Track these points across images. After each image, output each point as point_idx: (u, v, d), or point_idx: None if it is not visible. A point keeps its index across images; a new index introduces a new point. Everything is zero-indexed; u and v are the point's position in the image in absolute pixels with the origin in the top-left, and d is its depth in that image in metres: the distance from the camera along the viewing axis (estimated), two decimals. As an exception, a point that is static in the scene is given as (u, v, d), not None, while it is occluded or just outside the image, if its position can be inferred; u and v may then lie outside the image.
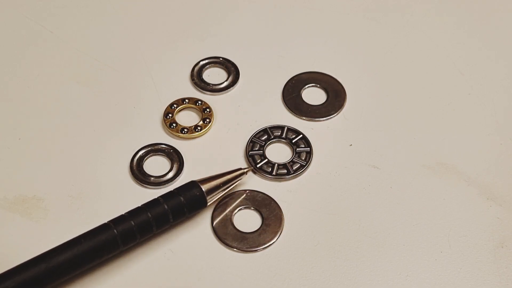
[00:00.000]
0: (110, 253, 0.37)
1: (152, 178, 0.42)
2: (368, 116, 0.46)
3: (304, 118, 0.45)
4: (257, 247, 0.39)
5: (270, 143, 0.44)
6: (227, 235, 0.39)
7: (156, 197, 0.38)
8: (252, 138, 0.44)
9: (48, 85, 0.47)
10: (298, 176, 0.42)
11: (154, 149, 0.43)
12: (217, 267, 0.38)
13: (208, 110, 0.45)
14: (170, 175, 0.42)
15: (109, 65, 0.48)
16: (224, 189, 0.40)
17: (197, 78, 0.47)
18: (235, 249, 0.39)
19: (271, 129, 0.44)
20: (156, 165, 0.43)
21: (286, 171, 0.42)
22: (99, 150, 0.43)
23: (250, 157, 0.43)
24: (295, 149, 0.43)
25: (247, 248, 0.39)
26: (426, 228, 0.40)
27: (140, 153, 0.43)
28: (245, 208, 0.41)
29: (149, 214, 0.37)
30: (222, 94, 0.47)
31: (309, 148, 0.44)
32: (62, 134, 0.44)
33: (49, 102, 0.46)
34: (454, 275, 0.38)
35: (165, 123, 0.44)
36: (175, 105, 0.45)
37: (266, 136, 0.44)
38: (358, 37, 0.51)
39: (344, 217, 0.41)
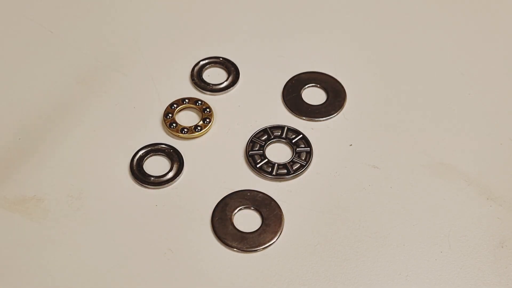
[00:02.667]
0: None
1: (152, 178, 0.42)
2: (368, 116, 0.46)
3: (304, 118, 0.45)
4: (257, 247, 0.39)
5: (270, 143, 0.44)
6: (227, 235, 0.39)
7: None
8: (252, 138, 0.44)
9: (48, 85, 0.47)
10: (298, 176, 0.42)
11: (154, 149, 0.43)
12: (217, 267, 0.38)
13: (208, 110, 0.45)
14: (170, 175, 0.42)
15: (109, 65, 0.48)
16: None
17: (197, 78, 0.47)
18: (235, 249, 0.39)
19: (271, 129, 0.44)
20: (156, 165, 0.43)
21: (286, 171, 0.42)
22: (99, 150, 0.43)
23: (250, 157, 0.43)
24: (295, 149, 0.43)
25: (247, 248, 0.39)
26: (426, 228, 0.40)
27: (140, 153, 0.43)
28: (245, 208, 0.41)
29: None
30: (222, 94, 0.47)
31: (309, 148, 0.44)
32: (62, 134, 0.44)
33: (49, 102, 0.46)
34: (454, 275, 0.38)
35: (165, 123, 0.44)
36: (175, 105, 0.45)
37: (266, 136, 0.44)
38: (358, 37, 0.51)
39: (344, 217, 0.40)
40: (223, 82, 0.47)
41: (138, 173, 0.42)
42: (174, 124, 0.44)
